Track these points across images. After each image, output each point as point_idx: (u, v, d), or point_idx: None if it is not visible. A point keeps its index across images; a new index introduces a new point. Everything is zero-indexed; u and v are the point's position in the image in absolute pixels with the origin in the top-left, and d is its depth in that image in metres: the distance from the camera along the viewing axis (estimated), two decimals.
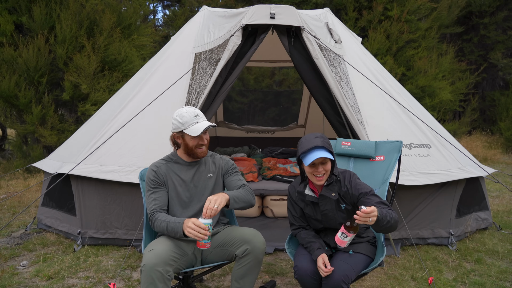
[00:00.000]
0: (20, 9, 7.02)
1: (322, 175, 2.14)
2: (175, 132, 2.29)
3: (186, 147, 2.29)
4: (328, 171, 2.17)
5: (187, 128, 2.23)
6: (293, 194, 2.37)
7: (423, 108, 4.42)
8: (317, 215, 2.26)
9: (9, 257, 3.40)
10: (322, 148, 2.12)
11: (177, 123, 2.25)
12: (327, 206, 2.22)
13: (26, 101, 6.78)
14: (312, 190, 2.27)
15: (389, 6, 9.75)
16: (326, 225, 2.28)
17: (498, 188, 6.06)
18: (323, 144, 2.12)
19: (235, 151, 6.03)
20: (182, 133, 2.26)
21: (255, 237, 2.23)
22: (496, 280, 2.97)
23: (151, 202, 2.24)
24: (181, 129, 2.25)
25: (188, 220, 2.06)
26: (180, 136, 2.30)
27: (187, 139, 2.27)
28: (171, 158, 2.38)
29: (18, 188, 5.95)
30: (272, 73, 10.65)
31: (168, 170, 2.31)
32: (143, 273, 1.98)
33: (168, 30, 13.59)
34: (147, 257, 2.01)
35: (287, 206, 2.42)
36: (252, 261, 2.19)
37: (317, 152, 2.09)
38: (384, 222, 1.95)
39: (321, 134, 2.20)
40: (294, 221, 2.39)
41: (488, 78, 13.01)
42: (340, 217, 2.21)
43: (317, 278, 2.09)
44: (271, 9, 3.54)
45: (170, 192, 2.30)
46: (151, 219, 2.21)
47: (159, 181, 2.27)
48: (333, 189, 2.20)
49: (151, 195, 2.25)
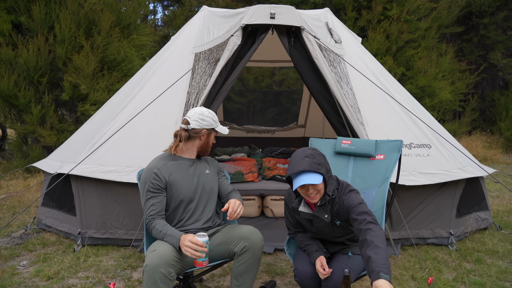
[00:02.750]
0: (19, 8, 7.01)
1: (315, 194, 2.04)
2: (206, 128, 2.36)
3: (206, 144, 2.41)
4: (321, 190, 2.04)
5: (218, 126, 2.41)
6: (288, 203, 2.29)
7: (423, 108, 4.42)
8: (313, 228, 2.24)
9: (9, 257, 3.40)
10: (309, 172, 1.97)
11: (211, 120, 2.37)
12: (321, 224, 2.17)
13: (26, 101, 6.77)
14: (308, 204, 2.18)
15: (389, 6, 9.74)
16: (321, 236, 2.28)
17: (498, 188, 6.07)
18: (310, 167, 1.96)
19: (235, 151, 6.02)
20: (212, 130, 2.40)
21: (253, 234, 2.26)
22: (496, 280, 2.97)
23: (149, 207, 2.23)
24: (213, 126, 2.38)
25: (184, 237, 2.06)
26: (207, 133, 2.39)
27: (212, 136, 2.42)
28: (167, 157, 2.37)
29: (18, 188, 5.94)
30: (272, 73, 10.65)
31: (169, 170, 2.30)
32: (145, 273, 1.98)
33: (167, 30, 13.59)
34: (150, 258, 2.01)
35: (284, 211, 2.40)
36: (250, 258, 2.22)
37: (303, 177, 1.96)
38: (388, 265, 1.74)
39: (311, 153, 2.03)
40: (291, 227, 2.39)
41: (488, 78, 13.01)
42: (335, 232, 2.18)
43: (317, 280, 2.09)
44: (271, 9, 3.54)
45: (173, 191, 2.29)
46: (148, 225, 2.23)
47: (160, 185, 2.25)
48: (326, 210, 2.10)
49: (149, 200, 2.24)
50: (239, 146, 6.30)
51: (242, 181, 4.39)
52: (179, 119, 3.48)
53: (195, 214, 2.34)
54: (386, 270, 1.67)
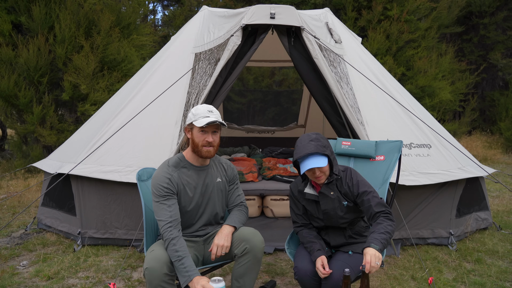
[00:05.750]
0: (19, 9, 7.01)
1: (321, 175, 2.14)
2: (187, 125, 2.26)
3: (193, 143, 2.23)
4: (327, 172, 2.16)
5: (197, 120, 2.19)
6: (295, 192, 2.36)
7: (423, 108, 4.42)
8: (319, 213, 2.26)
9: (9, 257, 3.40)
10: (316, 154, 2.09)
11: (190, 115, 2.23)
12: (327, 205, 2.21)
13: (26, 101, 6.77)
14: (314, 187, 2.26)
15: (389, 6, 9.74)
16: (328, 223, 2.28)
17: (498, 188, 6.07)
18: (316, 150, 2.08)
19: (235, 151, 6.03)
20: (192, 125, 2.22)
21: (254, 236, 2.23)
22: (496, 280, 2.97)
23: (165, 209, 2.11)
24: (191, 120, 2.21)
25: (198, 280, 1.96)
26: (189, 130, 2.25)
27: (195, 132, 2.21)
28: (179, 163, 2.28)
29: (18, 188, 5.94)
30: (272, 73, 10.65)
31: (179, 177, 2.23)
32: (147, 276, 1.97)
33: (167, 30, 13.58)
34: (149, 259, 2.00)
35: (289, 205, 2.42)
36: (251, 260, 2.19)
37: (310, 161, 2.07)
38: (386, 244, 1.98)
39: (316, 137, 2.16)
40: (297, 219, 2.39)
41: (488, 78, 13.01)
42: (342, 212, 2.21)
43: (317, 278, 2.10)
44: (271, 9, 3.54)
45: (182, 198, 2.24)
46: (165, 234, 2.07)
47: (172, 190, 2.17)
48: (333, 188, 2.20)
49: (164, 202, 2.13)
50: (239, 146, 6.30)
51: (242, 181, 4.38)
52: (179, 119, 3.48)
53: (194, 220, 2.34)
54: (377, 242, 1.92)
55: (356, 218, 2.27)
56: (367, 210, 2.13)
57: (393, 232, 2.02)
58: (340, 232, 2.29)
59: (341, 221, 2.23)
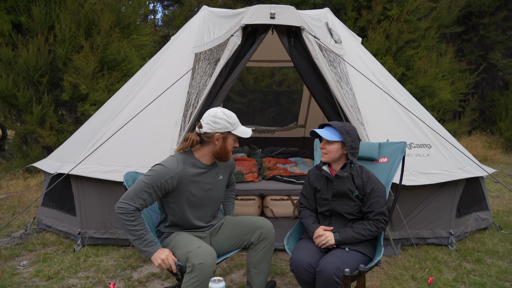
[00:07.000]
0: (19, 9, 7.01)
1: (326, 152, 2.32)
2: (220, 132, 2.17)
3: (223, 149, 2.20)
4: (330, 153, 2.30)
5: (236, 129, 2.17)
6: (311, 174, 2.51)
7: (423, 108, 4.42)
8: (328, 194, 2.35)
9: (9, 257, 3.40)
10: (332, 128, 2.29)
11: (225, 122, 2.15)
12: (340, 186, 2.32)
13: (26, 101, 6.77)
14: (330, 172, 2.39)
15: (389, 6, 9.74)
16: (334, 207, 2.35)
17: (498, 188, 6.07)
18: (335, 125, 2.28)
19: (235, 151, 6.02)
20: (229, 133, 2.18)
21: (265, 222, 2.36)
22: (496, 280, 2.97)
23: (144, 194, 2.06)
24: (229, 129, 2.17)
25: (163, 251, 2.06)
26: (222, 137, 2.18)
27: (229, 140, 2.20)
28: (188, 160, 2.22)
29: (18, 188, 5.94)
30: (272, 73, 10.64)
31: (185, 175, 2.19)
32: (199, 271, 1.94)
33: (167, 30, 13.58)
34: (202, 255, 1.99)
35: (301, 191, 2.55)
36: (267, 245, 2.33)
37: (323, 131, 2.30)
38: (352, 241, 2.23)
39: (348, 124, 2.34)
40: (303, 201, 2.51)
41: (488, 78, 13.01)
42: (347, 203, 2.32)
43: (312, 270, 2.14)
44: (271, 9, 3.54)
45: (185, 195, 2.22)
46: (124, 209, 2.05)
47: (166, 188, 2.13)
48: (346, 170, 2.32)
49: (147, 191, 2.07)
50: (239, 146, 6.30)
51: (242, 181, 4.38)
52: (179, 119, 3.48)
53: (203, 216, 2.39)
54: (342, 234, 2.22)
55: (359, 213, 2.34)
56: (366, 210, 2.30)
57: (369, 236, 2.24)
58: (342, 223, 2.36)
59: (346, 207, 2.32)
